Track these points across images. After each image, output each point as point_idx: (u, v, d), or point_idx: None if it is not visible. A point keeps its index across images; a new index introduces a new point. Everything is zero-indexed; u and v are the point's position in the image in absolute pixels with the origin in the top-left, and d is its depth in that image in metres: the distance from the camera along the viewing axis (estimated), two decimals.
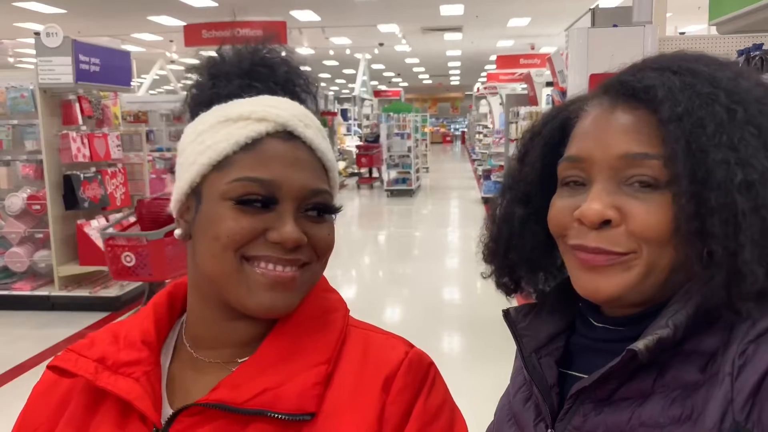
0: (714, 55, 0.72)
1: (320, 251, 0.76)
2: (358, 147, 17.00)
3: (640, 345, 0.63)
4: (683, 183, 0.63)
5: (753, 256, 0.60)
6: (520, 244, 0.81)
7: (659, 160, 0.65)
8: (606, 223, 0.67)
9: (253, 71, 0.79)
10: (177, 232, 0.78)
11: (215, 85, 0.78)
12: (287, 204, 0.72)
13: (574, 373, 0.76)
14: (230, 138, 0.72)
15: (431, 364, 0.77)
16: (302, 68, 0.83)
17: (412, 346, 0.78)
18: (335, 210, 0.78)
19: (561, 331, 0.80)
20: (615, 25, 3.53)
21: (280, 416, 0.68)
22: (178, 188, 0.76)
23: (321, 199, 0.75)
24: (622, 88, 0.70)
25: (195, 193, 0.74)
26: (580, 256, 0.70)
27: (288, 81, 0.80)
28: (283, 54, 0.82)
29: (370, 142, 16.77)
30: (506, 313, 0.83)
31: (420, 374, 0.75)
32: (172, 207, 0.77)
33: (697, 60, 0.70)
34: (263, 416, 0.68)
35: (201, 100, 0.79)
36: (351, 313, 0.82)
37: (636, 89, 0.68)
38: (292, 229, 0.71)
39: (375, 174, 16.91)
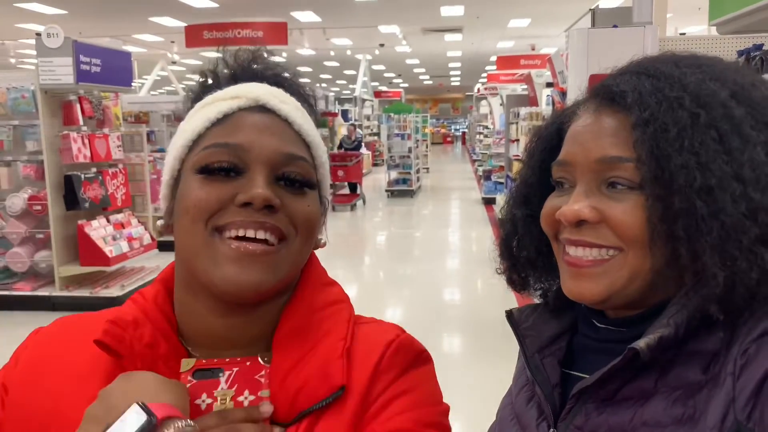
0: (704, 54, 0.72)
1: (299, 223, 0.70)
2: (332, 156, 13.25)
3: (641, 343, 0.63)
4: (648, 186, 0.65)
5: (713, 260, 0.61)
6: (523, 245, 0.83)
7: (633, 163, 0.66)
8: (583, 223, 0.70)
9: (245, 69, 0.79)
10: (158, 222, 0.77)
11: (205, 83, 0.80)
12: (258, 168, 0.68)
13: (576, 373, 0.76)
14: (203, 117, 0.72)
15: (423, 351, 0.76)
16: (297, 76, 0.83)
17: (404, 331, 0.77)
18: (315, 184, 0.73)
19: (564, 332, 0.81)
20: (615, 26, 3.53)
21: (320, 406, 0.67)
22: (163, 182, 0.75)
23: (298, 168, 0.71)
24: (605, 93, 0.72)
25: (176, 180, 0.74)
26: (567, 259, 0.72)
27: (278, 83, 0.79)
28: (281, 61, 0.82)
29: (349, 149, 13.88)
30: (509, 314, 0.84)
31: (408, 357, 0.73)
32: (161, 203, 0.77)
33: (676, 62, 0.70)
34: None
35: (194, 98, 0.79)
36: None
37: (614, 93, 0.70)
38: (262, 189, 0.67)
39: (352, 190, 13.79)
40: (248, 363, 0.70)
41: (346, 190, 13.91)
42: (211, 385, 0.68)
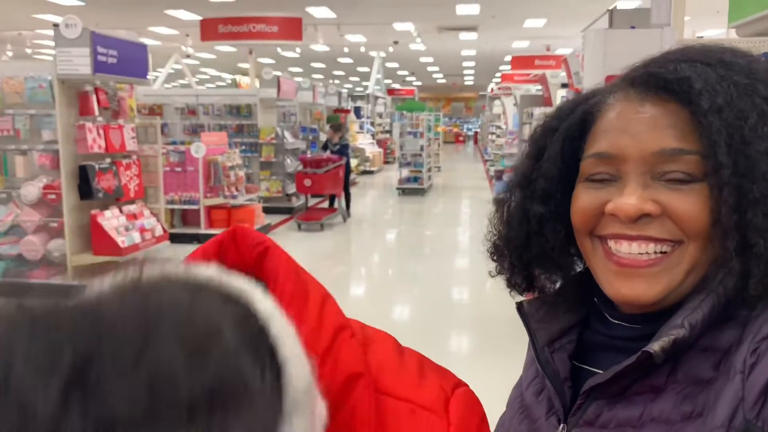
0: (740, 48, 0.71)
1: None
2: (303, 161, 10.64)
3: (655, 347, 0.62)
4: (725, 175, 0.62)
5: None
6: (538, 243, 0.79)
7: (695, 155, 0.64)
8: (642, 217, 0.67)
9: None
10: None
11: None
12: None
13: (587, 367, 0.75)
14: None
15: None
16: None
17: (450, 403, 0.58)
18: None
19: (574, 325, 0.78)
20: (632, 27, 3.52)
21: None
22: None
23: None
24: (652, 81, 0.68)
25: None
26: (617, 259, 0.69)
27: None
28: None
29: (333, 153, 10.83)
30: (520, 306, 0.82)
31: None
32: None
33: (732, 52, 0.69)
34: None
35: None
36: (361, 312, 0.68)
37: (669, 81, 0.66)
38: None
39: (331, 203, 11.10)
40: None
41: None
42: None
